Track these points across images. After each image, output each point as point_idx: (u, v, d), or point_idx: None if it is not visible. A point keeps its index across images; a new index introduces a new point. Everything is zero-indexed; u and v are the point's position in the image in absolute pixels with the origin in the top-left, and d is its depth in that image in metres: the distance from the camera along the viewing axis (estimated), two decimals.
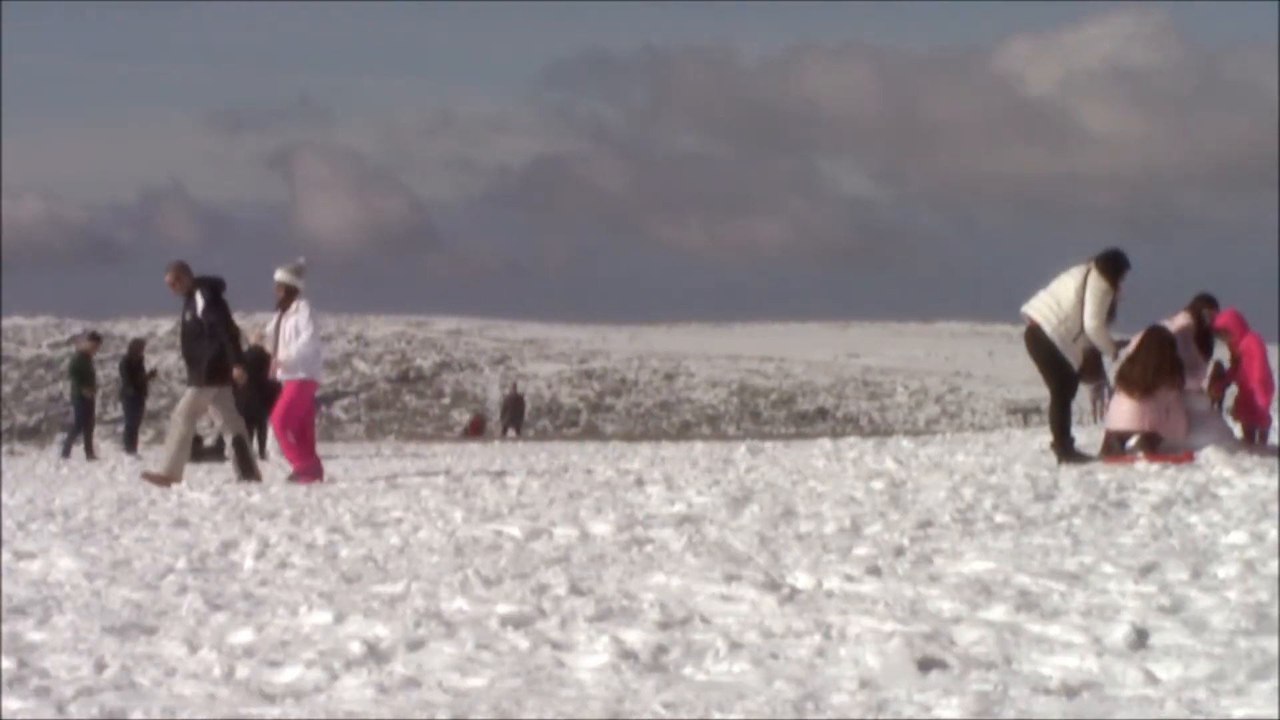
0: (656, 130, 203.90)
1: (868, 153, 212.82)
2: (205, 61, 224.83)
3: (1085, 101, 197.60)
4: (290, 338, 16.19)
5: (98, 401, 32.04)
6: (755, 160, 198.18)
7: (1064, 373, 14.74)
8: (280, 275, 16.34)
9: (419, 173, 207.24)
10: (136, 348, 30.76)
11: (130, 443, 28.84)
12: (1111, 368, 15.20)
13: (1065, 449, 14.46)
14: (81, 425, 28.47)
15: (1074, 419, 15.84)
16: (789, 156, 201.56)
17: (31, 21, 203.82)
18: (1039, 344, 14.71)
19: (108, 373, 55.91)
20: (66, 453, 27.86)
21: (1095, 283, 14.52)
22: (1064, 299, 14.57)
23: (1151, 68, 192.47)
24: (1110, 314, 14.61)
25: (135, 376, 29.40)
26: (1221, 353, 16.13)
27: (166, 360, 69.95)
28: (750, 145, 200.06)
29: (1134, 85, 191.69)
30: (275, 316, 16.45)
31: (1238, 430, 15.67)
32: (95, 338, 31.71)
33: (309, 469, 16.19)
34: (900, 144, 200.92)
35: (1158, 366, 14.37)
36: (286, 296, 16.28)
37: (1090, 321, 14.44)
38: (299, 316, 16.21)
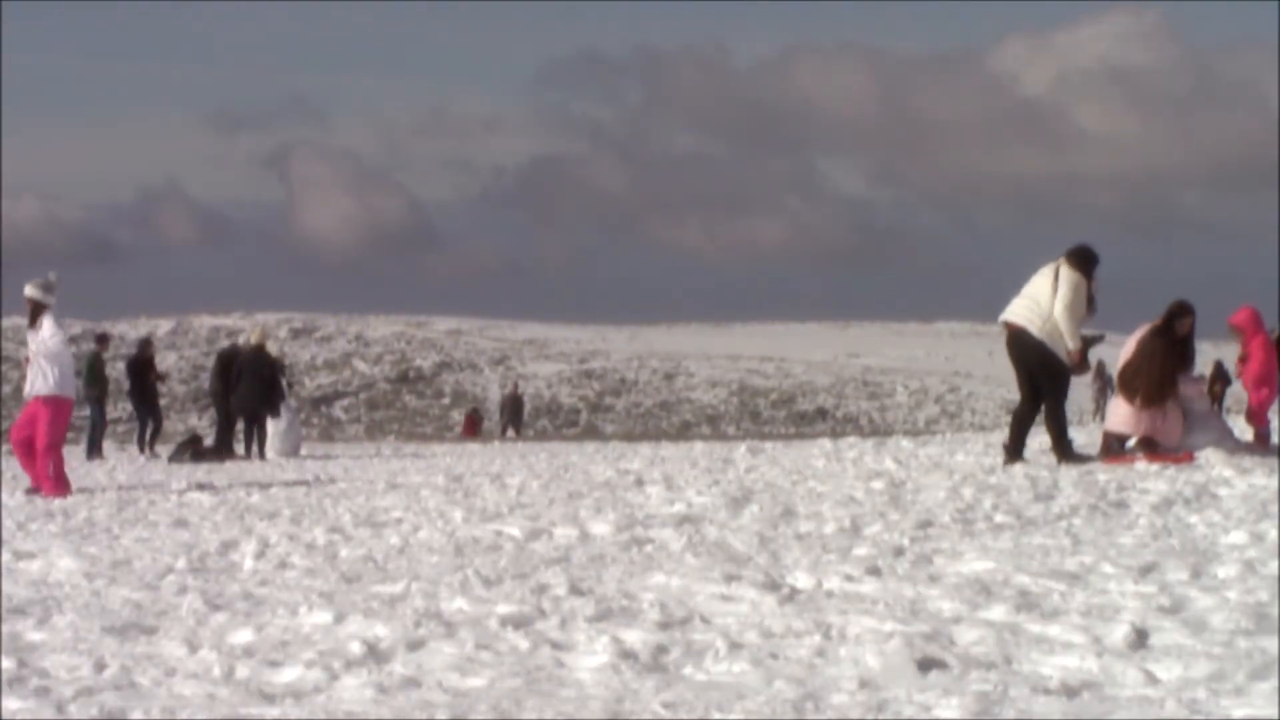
0: (653, 130, 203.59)
1: (866, 153, 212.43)
2: (202, 61, 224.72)
3: (1083, 101, 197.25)
4: (37, 354, 15.68)
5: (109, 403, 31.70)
6: (753, 160, 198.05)
7: (1057, 371, 14.68)
8: (28, 291, 15.80)
9: (416, 172, 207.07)
10: (145, 347, 30.07)
11: (142, 442, 28.69)
12: (1113, 366, 15.19)
13: (1064, 449, 14.44)
14: (98, 425, 28.29)
15: (1074, 419, 15.82)
16: (787, 156, 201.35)
17: (30, 21, 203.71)
18: (1026, 347, 14.59)
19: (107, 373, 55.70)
20: (91, 454, 27.54)
21: (1068, 275, 14.48)
22: (1042, 299, 14.51)
23: (1149, 67, 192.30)
24: (1090, 306, 14.56)
25: (145, 376, 29.03)
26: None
27: (166, 360, 70.20)
28: (748, 145, 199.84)
29: (1132, 85, 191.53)
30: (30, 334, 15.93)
31: (1238, 431, 15.67)
32: (104, 338, 31.56)
33: (58, 487, 15.55)
34: (898, 144, 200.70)
35: (1161, 382, 14.38)
36: (34, 312, 15.76)
37: (1058, 307, 14.35)
38: (43, 333, 15.67)
